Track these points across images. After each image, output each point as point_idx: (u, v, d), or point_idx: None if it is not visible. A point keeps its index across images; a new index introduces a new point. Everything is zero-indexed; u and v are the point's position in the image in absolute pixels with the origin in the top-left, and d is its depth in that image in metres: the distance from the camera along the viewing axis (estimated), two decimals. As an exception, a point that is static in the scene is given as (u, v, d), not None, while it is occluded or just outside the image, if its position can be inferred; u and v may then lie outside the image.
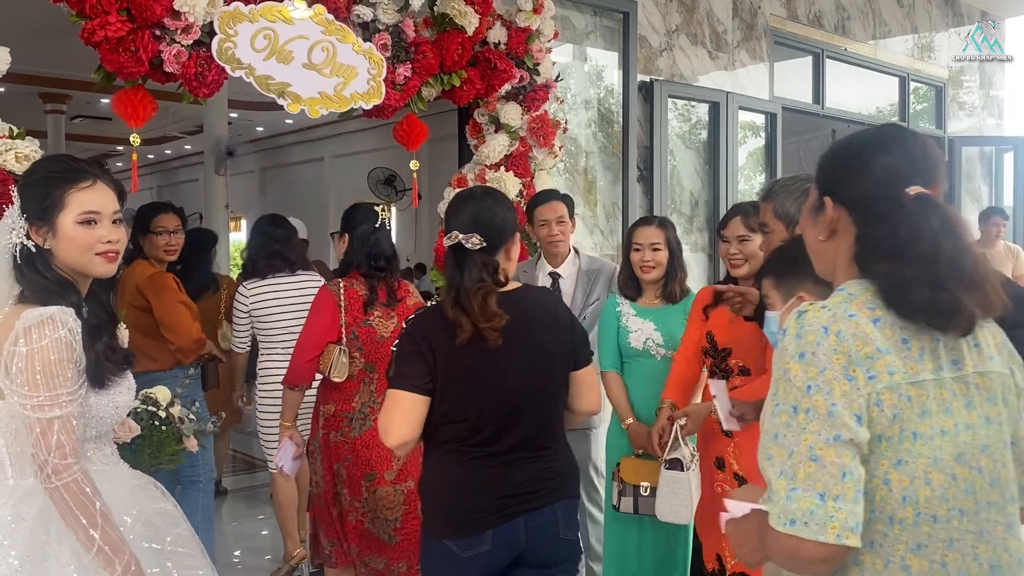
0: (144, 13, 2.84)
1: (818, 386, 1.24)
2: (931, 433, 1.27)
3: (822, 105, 6.71)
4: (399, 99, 3.64)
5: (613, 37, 5.11)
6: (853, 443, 1.23)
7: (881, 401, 1.25)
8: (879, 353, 1.26)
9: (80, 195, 1.79)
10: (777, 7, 6.21)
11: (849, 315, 1.29)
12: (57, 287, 1.78)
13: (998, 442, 1.34)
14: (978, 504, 1.31)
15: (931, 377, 1.29)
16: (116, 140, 14.02)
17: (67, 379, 1.70)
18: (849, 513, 1.21)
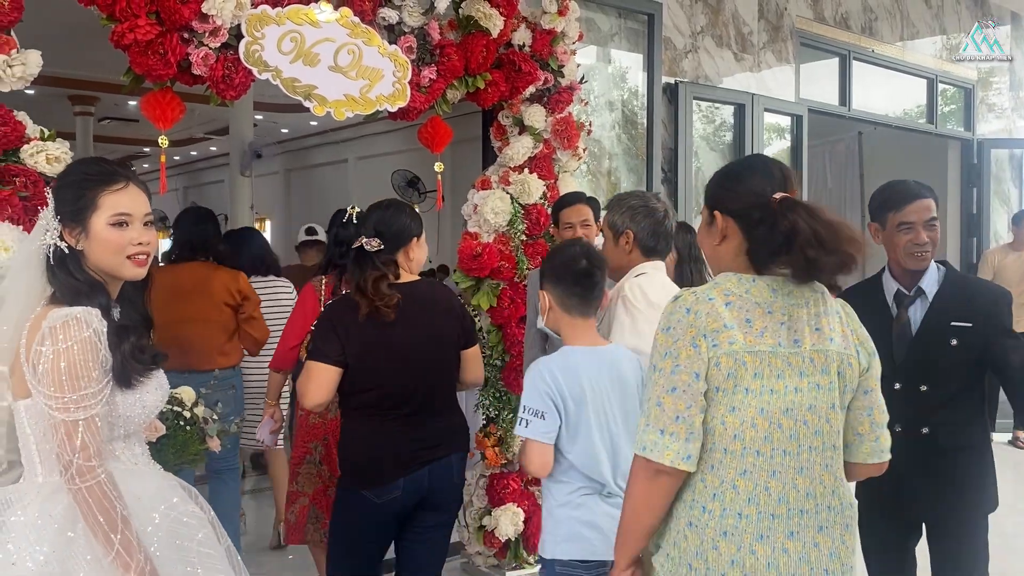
0: (173, 16, 2.87)
1: (670, 352, 1.70)
2: (761, 390, 1.68)
3: (848, 107, 6.65)
4: (424, 101, 3.64)
5: (637, 39, 5.09)
6: (688, 395, 1.66)
7: (720, 363, 1.67)
8: (725, 328, 1.68)
9: (113, 197, 1.81)
10: (803, 8, 6.17)
11: (708, 299, 1.72)
12: (86, 288, 1.79)
13: (825, 404, 1.73)
14: (800, 447, 1.72)
15: (768, 349, 1.69)
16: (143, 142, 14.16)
17: (92, 379, 1.71)
18: (680, 446, 1.67)
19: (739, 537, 1.69)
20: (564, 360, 2.31)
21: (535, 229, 4.10)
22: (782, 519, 1.71)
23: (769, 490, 1.70)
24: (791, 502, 1.71)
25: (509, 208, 4.02)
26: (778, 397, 1.70)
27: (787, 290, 1.73)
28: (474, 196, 4.11)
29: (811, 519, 1.73)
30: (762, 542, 1.69)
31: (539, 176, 4.08)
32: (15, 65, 2.68)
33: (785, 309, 1.73)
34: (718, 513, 1.70)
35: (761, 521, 1.69)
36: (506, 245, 4.02)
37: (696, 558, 1.70)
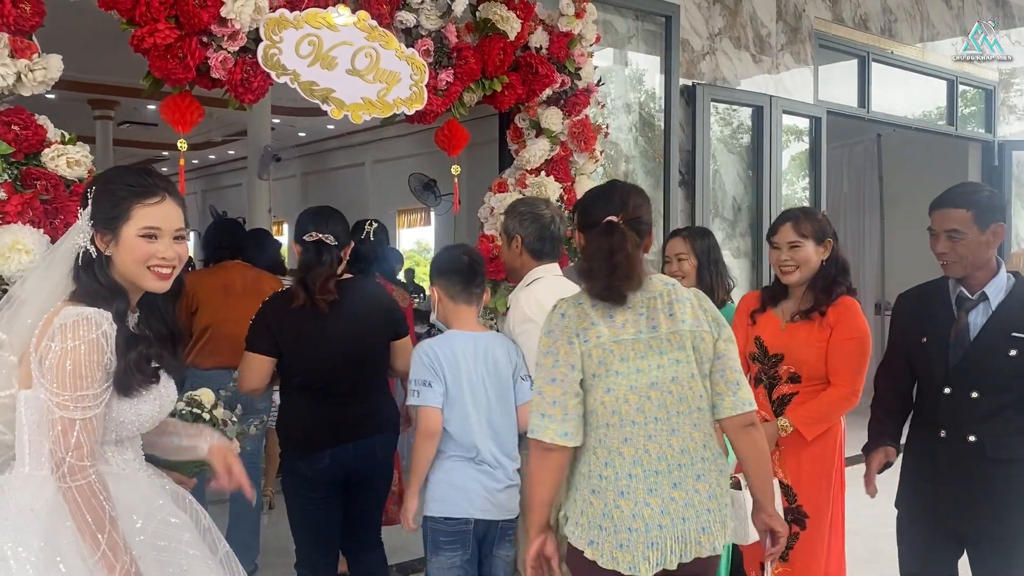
0: (192, 20, 2.88)
1: (551, 350, 2.07)
2: (628, 371, 2.04)
3: (868, 109, 6.61)
4: (441, 104, 3.64)
5: (655, 41, 5.08)
6: (563, 385, 2.02)
7: (591, 354, 2.04)
8: (593, 326, 2.06)
9: (147, 210, 1.87)
10: (822, 10, 6.13)
11: (578, 303, 2.10)
12: (107, 291, 1.83)
13: (686, 374, 2.07)
14: (669, 413, 2.06)
15: (630, 337, 2.05)
16: (162, 145, 14.28)
17: (95, 381, 1.74)
18: (558, 426, 2.02)
19: (633, 494, 2.02)
20: (445, 341, 2.70)
21: (552, 232, 4.09)
22: (664, 474, 2.05)
23: (649, 452, 2.05)
24: (669, 459, 2.06)
25: (526, 211, 4.01)
26: (643, 375, 2.05)
27: (644, 287, 2.10)
28: (491, 199, 4.11)
29: (688, 470, 2.07)
30: (652, 495, 2.03)
31: (556, 179, 4.07)
32: (36, 70, 2.69)
33: (642, 303, 2.09)
34: (612, 478, 2.04)
35: (647, 478, 2.04)
36: (523, 248, 4.02)
37: (604, 518, 2.03)
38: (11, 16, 2.63)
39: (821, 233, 2.85)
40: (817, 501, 2.80)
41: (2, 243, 2.52)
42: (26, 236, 2.55)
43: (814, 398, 2.77)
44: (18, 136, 2.68)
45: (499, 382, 2.69)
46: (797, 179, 6.18)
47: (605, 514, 2.03)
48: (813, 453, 2.79)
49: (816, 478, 2.81)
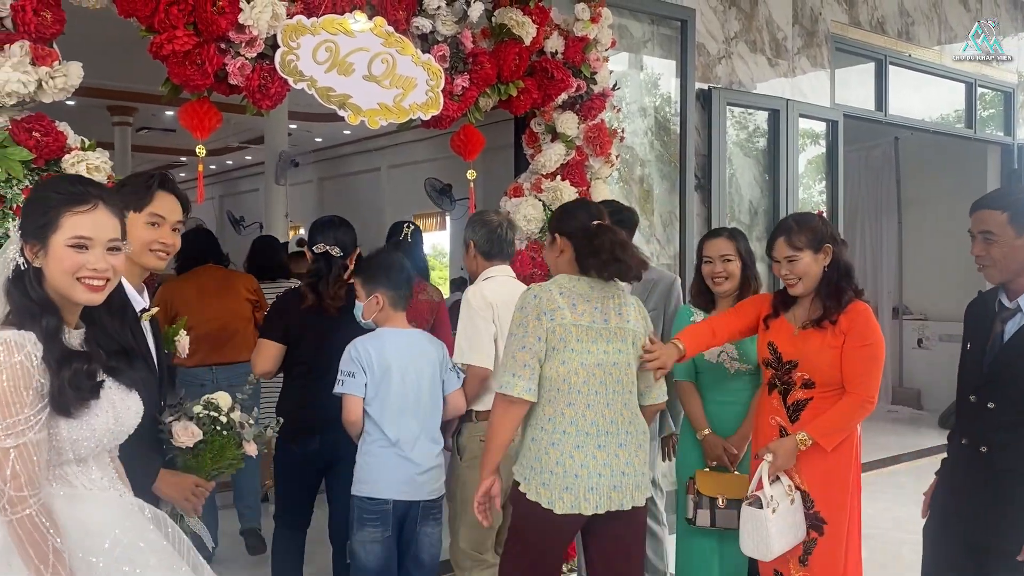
0: (210, 27, 2.91)
1: (522, 323, 2.53)
2: (581, 350, 2.52)
3: (885, 112, 6.57)
4: (457, 109, 3.66)
5: (670, 45, 5.08)
6: (531, 351, 2.49)
7: (555, 331, 2.51)
8: (559, 308, 2.52)
9: (76, 218, 1.75)
10: (839, 13, 6.11)
11: (548, 290, 2.56)
12: (37, 308, 1.73)
13: (624, 362, 2.59)
14: (607, 390, 2.55)
15: (586, 324, 2.54)
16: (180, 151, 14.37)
17: (24, 405, 1.63)
18: (525, 384, 2.48)
19: (562, 446, 2.51)
20: (376, 337, 2.99)
21: (568, 236, 4.09)
22: (592, 436, 2.52)
23: (585, 417, 2.52)
24: (600, 426, 2.54)
25: (541, 215, 4.02)
26: (592, 356, 2.54)
27: (600, 287, 2.59)
28: (506, 203, 4.12)
29: (613, 438, 2.55)
30: (578, 450, 2.51)
31: (571, 183, 4.07)
32: (57, 77, 2.73)
33: (599, 299, 2.59)
34: (550, 430, 2.53)
35: (577, 436, 2.51)
36: (538, 252, 4.02)
37: (535, 460, 2.53)
38: (32, 24, 2.67)
39: (817, 241, 2.80)
40: (834, 507, 2.78)
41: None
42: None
43: (830, 408, 2.75)
44: (39, 143, 2.72)
45: (428, 374, 3.01)
46: (814, 183, 6.16)
47: (537, 457, 2.53)
48: (830, 459, 2.77)
49: (833, 484, 2.79)
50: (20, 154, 2.68)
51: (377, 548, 2.92)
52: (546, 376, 2.52)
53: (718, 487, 3.12)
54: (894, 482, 2.98)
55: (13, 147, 2.68)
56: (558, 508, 2.48)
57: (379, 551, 2.92)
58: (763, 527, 2.68)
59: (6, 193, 2.65)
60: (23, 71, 2.65)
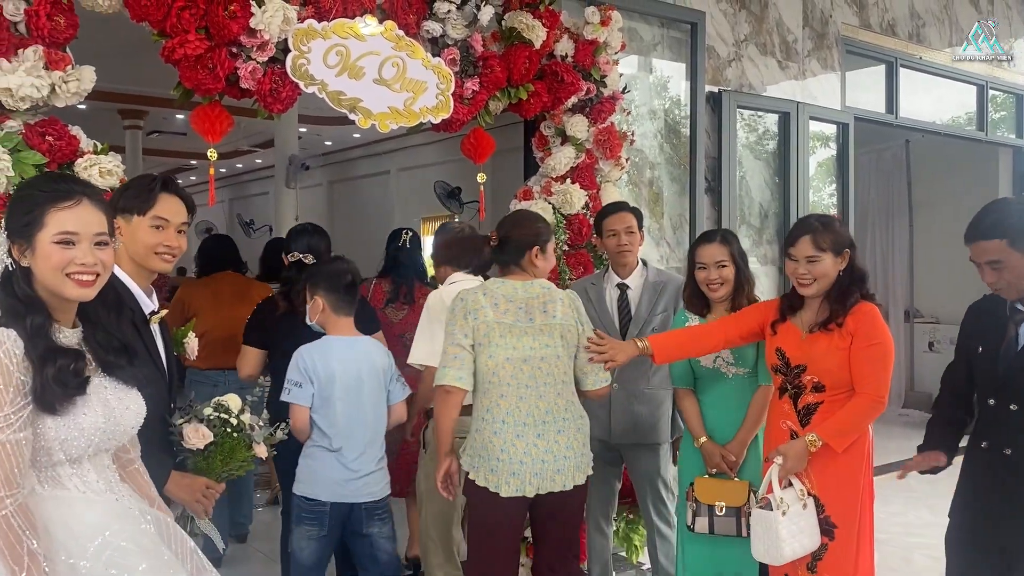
0: (221, 31, 2.92)
1: (452, 322, 2.78)
2: (506, 346, 2.74)
3: (896, 115, 6.55)
4: (467, 113, 3.66)
5: (680, 48, 5.07)
6: (460, 346, 2.73)
7: (479, 328, 2.74)
8: (482, 308, 2.75)
9: (61, 214, 1.74)
10: (849, 16, 6.10)
11: (475, 293, 2.80)
12: (23, 307, 1.72)
13: (553, 355, 2.79)
14: (538, 382, 2.76)
15: (510, 322, 2.76)
16: (190, 154, 14.45)
17: (3, 403, 1.61)
18: (455, 374, 2.72)
19: (503, 436, 2.73)
20: (322, 346, 3.05)
21: (577, 239, 4.09)
22: (530, 426, 2.74)
23: (519, 408, 2.74)
24: (535, 416, 2.75)
25: (551, 218, 4.02)
26: (518, 351, 2.76)
27: (524, 288, 2.83)
28: (516, 206, 4.11)
29: (551, 426, 2.77)
30: (519, 439, 2.73)
31: (581, 186, 4.08)
32: (70, 81, 2.75)
33: (523, 300, 2.81)
34: (490, 420, 2.75)
35: (516, 426, 2.73)
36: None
37: (481, 449, 2.75)
38: (45, 29, 2.69)
39: (839, 245, 2.79)
40: (846, 511, 2.76)
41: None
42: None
43: (840, 409, 2.74)
44: (52, 146, 2.73)
45: (373, 382, 3.08)
46: (824, 185, 6.14)
47: (482, 445, 2.75)
48: (841, 463, 2.76)
49: (844, 488, 2.78)
50: (33, 158, 2.70)
51: (313, 545, 3.00)
52: (478, 369, 2.78)
53: (716, 494, 3.10)
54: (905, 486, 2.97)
55: (26, 151, 2.70)
56: (504, 492, 2.72)
57: (314, 548, 3.01)
58: (773, 530, 2.67)
59: (19, 197, 2.67)
60: (36, 75, 2.67)
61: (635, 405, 3.56)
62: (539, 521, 2.87)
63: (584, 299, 3.64)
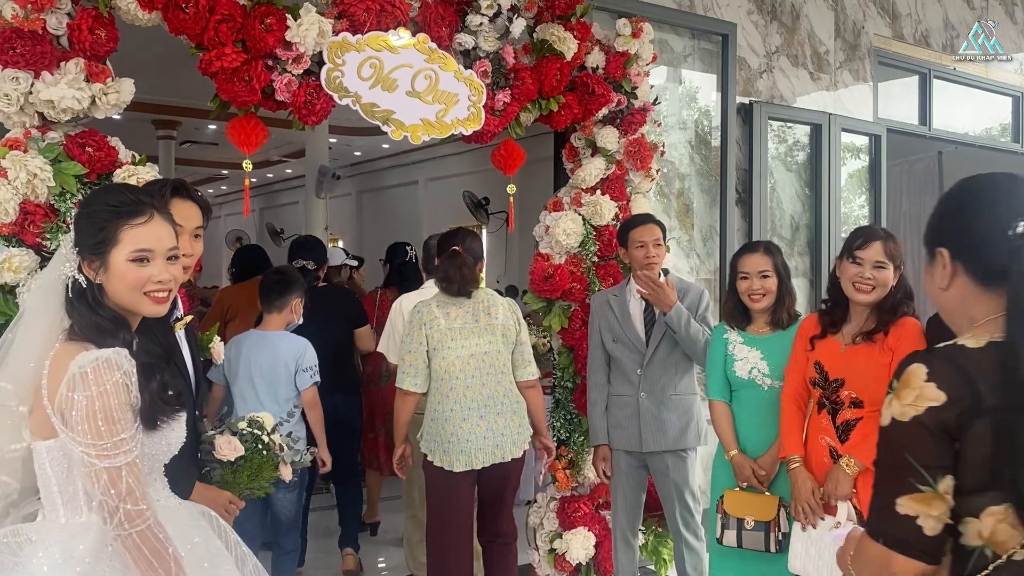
0: (258, 44, 2.96)
1: (409, 332, 3.37)
2: (456, 347, 3.33)
3: (929, 126, 6.48)
4: (498, 124, 3.68)
5: (711, 59, 5.06)
6: (416, 353, 3.32)
7: (432, 336, 3.32)
8: (435, 318, 3.33)
9: (134, 232, 1.72)
10: (882, 27, 6.05)
11: (428, 304, 3.37)
12: (110, 325, 1.72)
13: (495, 350, 3.39)
14: (482, 373, 3.35)
15: (459, 326, 3.34)
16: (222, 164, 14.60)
17: (128, 423, 1.65)
18: (412, 380, 3.33)
19: (453, 421, 3.32)
20: (240, 337, 3.76)
21: (607, 251, 4.09)
22: (474, 410, 3.33)
23: (467, 396, 3.34)
24: (479, 401, 3.34)
25: (581, 230, 4.02)
26: (466, 349, 3.35)
27: (472, 297, 3.43)
28: (546, 217, 4.12)
29: (492, 410, 3.36)
30: (465, 422, 3.32)
31: (611, 198, 4.07)
32: (110, 93, 2.80)
33: (469, 305, 3.41)
34: (441, 410, 3.34)
35: (463, 411, 3.32)
36: (577, 267, 4.02)
37: (436, 435, 3.34)
38: (87, 42, 2.73)
39: (899, 259, 2.79)
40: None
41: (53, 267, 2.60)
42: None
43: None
44: (92, 157, 2.78)
45: (275, 371, 3.66)
46: (854, 197, 6.08)
47: (436, 431, 3.34)
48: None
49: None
50: (74, 168, 2.75)
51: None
52: (433, 369, 3.35)
53: (746, 508, 3.08)
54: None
55: (67, 162, 2.74)
56: (456, 467, 3.30)
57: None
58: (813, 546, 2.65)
59: (60, 207, 2.72)
60: (78, 88, 2.72)
61: (663, 411, 3.55)
62: (484, 489, 3.47)
63: (605, 310, 3.65)
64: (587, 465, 4.01)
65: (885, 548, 1.33)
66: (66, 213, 2.71)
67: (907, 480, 1.31)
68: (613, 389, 3.65)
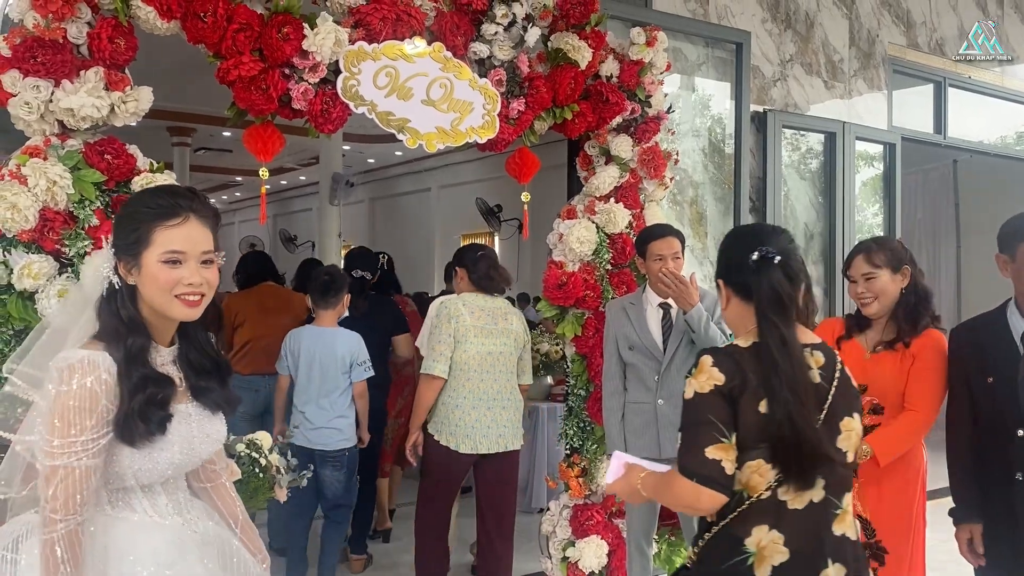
0: (275, 53, 2.98)
1: (437, 325, 3.76)
2: (476, 343, 3.72)
3: (944, 135, 6.46)
4: (512, 133, 3.69)
5: (725, 68, 5.06)
6: (445, 343, 3.69)
7: (458, 330, 3.71)
8: (460, 316, 3.72)
9: (168, 233, 1.69)
10: (896, 36, 6.04)
11: (455, 303, 3.77)
12: (125, 328, 1.68)
13: (507, 352, 3.79)
14: (495, 370, 3.76)
15: (480, 325, 3.74)
16: (236, 171, 14.69)
17: (84, 428, 1.57)
18: (441, 367, 3.69)
19: (463, 408, 3.71)
20: (299, 331, 4.16)
21: (621, 258, 4.09)
22: (484, 402, 3.73)
23: (479, 388, 3.72)
24: (489, 394, 3.74)
25: (595, 238, 4.02)
26: (485, 347, 3.73)
27: (491, 301, 3.82)
28: (559, 225, 4.12)
29: (498, 403, 3.76)
30: (474, 410, 3.71)
31: (625, 205, 4.07)
32: (129, 101, 2.82)
33: (489, 310, 3.79)
34: (455, 398, 3.72)
35: (474, 401, 3.72)
36: (591, 274, 4.02)
37: (445, 418, 3.72)
38: (107, 51, 2.76)
39: (896, 261, 2.79)
40: (897, 536, 2.71)
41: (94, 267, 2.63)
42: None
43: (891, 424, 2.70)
44: (110, 165, 2.80)
45: (333, 363, 4.05)
46: (868, 205, 6.07)
47: (446, 415, 3.72)
48: (894, 487, 2.71)
49: (896, 512, 2.73)
50: (92, 176, 2.77)
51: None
52: (455, 361, 3.71)
53: None
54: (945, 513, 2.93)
55: (86, 169, 2.77)
56: (462, 449, 3.71)
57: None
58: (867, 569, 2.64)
59: (79, 214, 2.74)
60: (97, 96, 2.74)
61: None
62: (483, 478, 3.85)
63: (621, 317, 3.65)
64: (600, 473, 4.00)
65: (696, 484, 1.80)
66: (85, 220, 2.74)
67: (711, 434, 1.81)
68: (630, 396, 3.64)
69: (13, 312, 2.63)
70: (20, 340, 2.63)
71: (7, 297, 2.64)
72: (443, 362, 3.68)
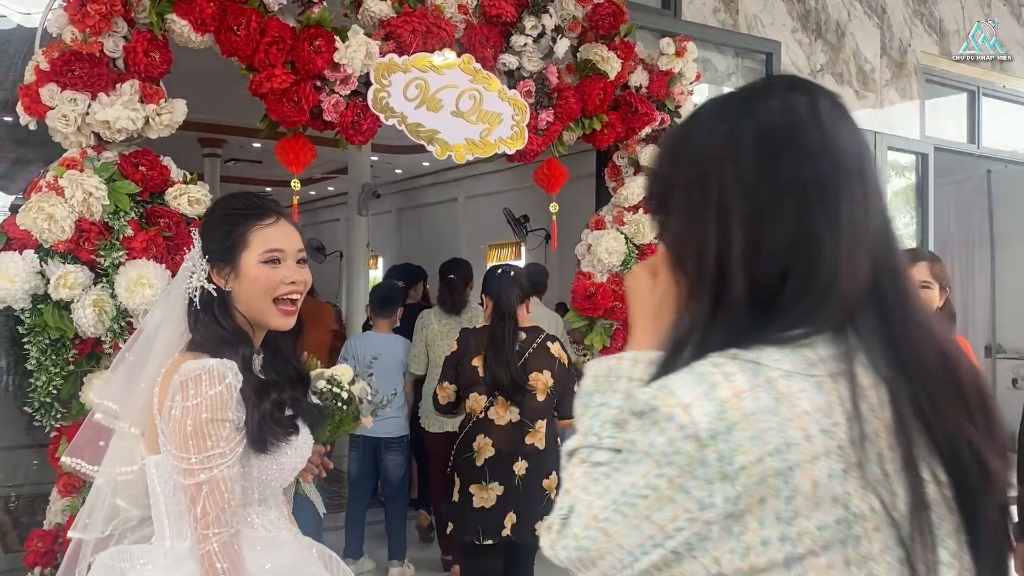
0: (307, 66, 3.00)
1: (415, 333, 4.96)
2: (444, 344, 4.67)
3: (978, 144, 6.38)
4: (541, 144, 3.69)
5: (755, 78, 5.02)
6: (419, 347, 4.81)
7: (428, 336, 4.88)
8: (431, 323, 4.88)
9: (264, 232, 1.66)
10: (929, 45, 5.98)
11: (429, 312, 4.99)
12: (232, 336, 1.64)
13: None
14: None
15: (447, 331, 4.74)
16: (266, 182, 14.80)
17: (220, 439, 1.54)
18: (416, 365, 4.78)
19: None
20: (361, 337, 4.88)
21: (650, 270, 4.07)
22: None
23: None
24: None
25: (623, 248, 4.00)
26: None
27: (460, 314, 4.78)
28: (588, 236, 4.11)
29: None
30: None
31: (654, 217, 4.05)
32: (163, 114, 2.86)
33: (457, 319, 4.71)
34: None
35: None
36: (619, 285, 4.01)
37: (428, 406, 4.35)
38: (142, 64, 2.80)
39: (944, 280, 2.77)
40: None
41: (128, 278, 2.67)
42: (150, 271, 2.69)
43: None
44: (145, 176, 2.84)
45: (391, 366, 4.60)
46: (901, 215, 6.00)
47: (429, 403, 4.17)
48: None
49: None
50: (127, 187, 2.80)
51: (358, 466, 4.75)
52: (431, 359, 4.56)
53: None
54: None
55: (121, 180, 2.80)
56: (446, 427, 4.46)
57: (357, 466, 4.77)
58: None
59: (114, 224, 2.78)
60: (132, 108, 2.78)
61: None
62: None
63: None
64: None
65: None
66: (120, 231, 2.77)
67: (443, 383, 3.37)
68: None
69: (49, 321, 2.66)
70: (56, 349, 2.67)
71: (44, 306, 2.68)
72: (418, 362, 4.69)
